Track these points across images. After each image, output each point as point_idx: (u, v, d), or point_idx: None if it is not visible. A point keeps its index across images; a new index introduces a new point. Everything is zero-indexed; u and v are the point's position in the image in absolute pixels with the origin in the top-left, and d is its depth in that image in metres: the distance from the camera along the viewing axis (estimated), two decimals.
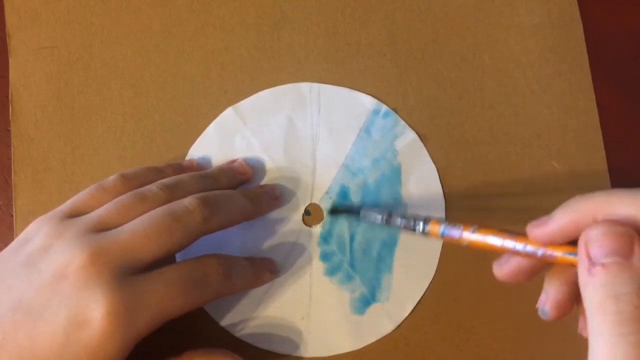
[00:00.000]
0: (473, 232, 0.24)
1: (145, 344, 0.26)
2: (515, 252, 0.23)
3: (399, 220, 0.27)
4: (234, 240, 0.32)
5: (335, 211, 0.33)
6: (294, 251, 0.32)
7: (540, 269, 0.24)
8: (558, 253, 0.22)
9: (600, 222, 0.20)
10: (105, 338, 0.24)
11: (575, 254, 0.21)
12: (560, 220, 0.22)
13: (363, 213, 0.30)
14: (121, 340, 0.24)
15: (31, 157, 0.34)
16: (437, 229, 0.25)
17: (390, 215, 0.28)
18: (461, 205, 0.33)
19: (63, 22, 0.35)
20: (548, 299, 0.24)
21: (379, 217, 0.29)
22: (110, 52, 0.35)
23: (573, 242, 0.22)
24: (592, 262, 0.20)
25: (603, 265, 0.19)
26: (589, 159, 0.34)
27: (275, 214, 0.33)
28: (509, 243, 0.23)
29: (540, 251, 0.22)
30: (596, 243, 0.20)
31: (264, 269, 0.31)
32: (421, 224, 0.26)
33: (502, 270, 0.24)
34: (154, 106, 0.34)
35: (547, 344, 0.32)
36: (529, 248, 0.23)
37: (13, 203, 0.33)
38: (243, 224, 0.30)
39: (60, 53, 0.35)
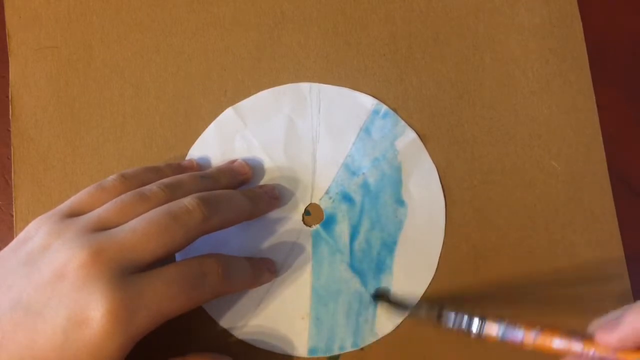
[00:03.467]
0: (536, 335, 0.23)
1: (145, 344, 0.26)
2: (582, 356, 0.22)
3: (452, 318, 0.26)
4: (234, 240, 0.32)
5: (380, 297, 0.31)
6: (294, 251, 0.32)
7: None
8: (632, 358, 0.21)
9: None
10: (105, 337, 0.24)
11: None
12: (632, 324, 0.21)
13: (413, 310, 0.29)
14: (121, 340, 0.24)
15: (31, 157, 0.34)
16: (495, 330, 0.24)
17: (441, 310, 0.26)
18: (461, 205, 0.33)
19: (63, 22, 0.35)
20: None
21: (431, 313, 0.27)
22: (110, 52, 0.35)
23: None
24: None
25: None
26: (589, 159, 0.34)
27: (275, 213, 0.33)
28: (576, 347, 0.22)
29: (611, 358, 0.21)
30: None
31: (264, 269, 0.31)
32: (477, 322, 0.24)
33: None
34: (154, 106, 0.34)
35: None
36: (599, 355, 0.22)
37: (13, 203, 0.33)
38: (242, 223, 0.30)
39: (60, 53, 0.35)
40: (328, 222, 0.33)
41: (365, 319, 0.32)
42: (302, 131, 0.34)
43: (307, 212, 0.33)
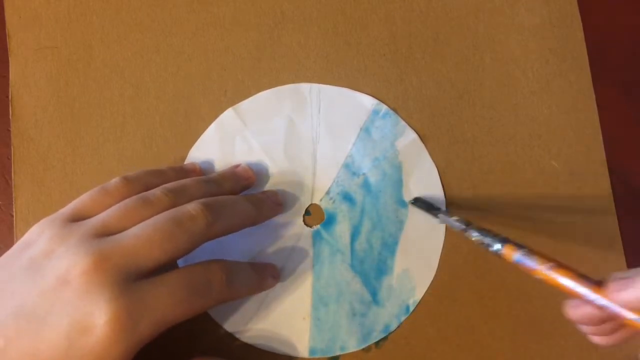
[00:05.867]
0: (548, 269, 0.24)
1: (149, 348, 0.26)
2: (587, 300, 0.23)
3: (474, 234, 0.27)
4: (236, 243, 0.32)
5: (417, 202, 0.32)
6: (295, 252, 0.32)
7: (613, 319, 0.23)
8: (631, 316, 0.21)
9: None
10: (109, 344, 0.24)
11: None
12: None
13: (441, 217, 0.30)
14: (124, 347, 0.24)
15: (31, 157, 0.34)
16: (512, 254, 0.25)
17: (467, 226, 0.28)
18: (461, 205, 0.33)
19: (63, 22, 0.35)
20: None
21: (457, 224, 0.29)
22: (110, 52, 0.35)
23: None
24: None
25: None
26: (589, 159, 0.34)
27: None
28: (582, 291, 0.23)
29: (614, 308, 0.22)
30: None
31: (267, 275, 0.31)
32: (497, 245, 0.26)
33: (575, 313, 0.24)
34: (154, 106, 0.34)
35: (547, 344, 0.32)
36: (603, 302, 0.22)
37: (13, 203, 0.33)
38: None
39: (60, 53, 0.35)
40: (328, 223, 0.33)
41: (366, 319, 0.32)
42: (302, 131, 0.34)
43: (307, 213, 0.33)
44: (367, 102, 0.34)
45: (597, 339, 0.26)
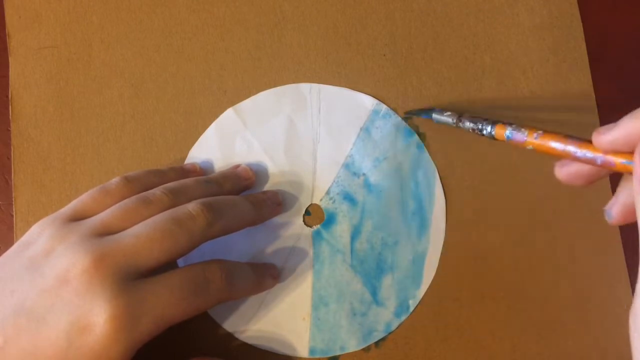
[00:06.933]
0: (536, 137, 0.25)
1: (149, 348, 0.26)
2: (576, 159, 0.23)
3: (467, 123, 0.29)
4: (236, 243, 0.32)
5: (410, 112, 0.34)
6: (295, 252, 0.32)
7: (601, 175, 0.24)
8: (618, 160, 0.22)
9: None
10: (108, 343, 0.24)
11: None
12: (626, 126, 0.21)
13: (435, 115, 0.32)
14: (124, 346, 0.24)
15: (31, 157, 0.34)
16: (503, 132, 0.27)
17: (460, 117, 0.30)
18: (461, 205, 0.33)
19: (63, 22, 0.35)
20: (616, 202, 0.24)
21: (450, 119, 0.31)
22: (110, 52, 0.35)
23: None
24: None
25: None
26: None
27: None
28: (570, 148, 0.23)
29: (599, 158, 0.22)
30: None
31: (266, 275, 0.31)
32: (489, 127, 0.28)
33: (562, 171, 0.25)
34: (154, 106, 0.34)
35: (547, 344, 0.32)
36: (589, 154, 0.22)
37: (13, 203, 0.33)
38: None
39: (60, 53, 0.35)
40: (329, 223, 0.33)
41: (366, 319, 0.32)
42: (302, 132, 0.34)
43: (307, 213, 0.33)
44: (367, 102, 0.34)
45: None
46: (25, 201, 0.33)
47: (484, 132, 0.28)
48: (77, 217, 0.27)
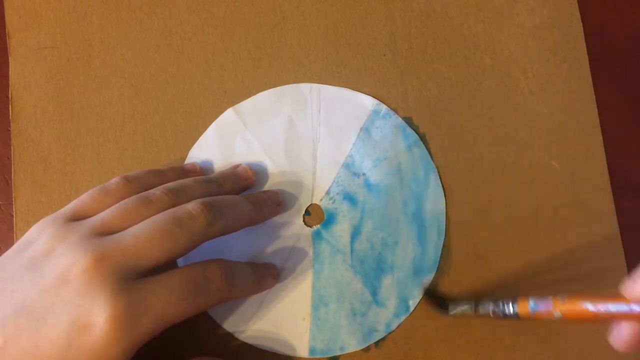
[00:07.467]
0: (562, 300, 0.23)
1: (148, 348, 0.26)
2: (616, 316, 0.21)
3: (488, 307, 0.28)
4: (236, 243, 0.32)
5: (429, 295, 0.32)
6: (295, 252, 0.32)
7: None
8: None
9: None
10: (108, 343, 0.24)
11: None
12: None
13: (452, 307, 0.30)
14: (124, 345, 0.24)
15: (31, 157, 0.34)
16: (527, 306, 0.25)
17: (478, 304, 0.29)
18: (461, 205, 0.33)
19: (63, 22, 0.35)
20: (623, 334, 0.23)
21: (467, 307, 0.30)
22: (110, 52, 0.35)
23: None
24: None
25: None
26: (589, 159, 0.34)
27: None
28: (606, 307, 0.21)
29: (636, 308, 0.21)
30: None
31: (266, 275, 0.31)
32: (510, 305, 0.27)
33: (622, 341, 0.23)
34: (154, 106, 0.34)
35: (547, 344, 0.32)
36: (624, 307, 0.21)
37: (13, 203, 0.33)
38: None
39: (60, 53, 0.35)
40: (328, 223, 0.33)
41: (366, 319, 0.32)
42: (302, 132, 0.34)
43: (307, 212, 0.33)
44: (367, 102, 0.34)
45: None
46: (25, 201, 0.33)
47: (507, 311, 0.27)
48: (77, 217, 0.27)
